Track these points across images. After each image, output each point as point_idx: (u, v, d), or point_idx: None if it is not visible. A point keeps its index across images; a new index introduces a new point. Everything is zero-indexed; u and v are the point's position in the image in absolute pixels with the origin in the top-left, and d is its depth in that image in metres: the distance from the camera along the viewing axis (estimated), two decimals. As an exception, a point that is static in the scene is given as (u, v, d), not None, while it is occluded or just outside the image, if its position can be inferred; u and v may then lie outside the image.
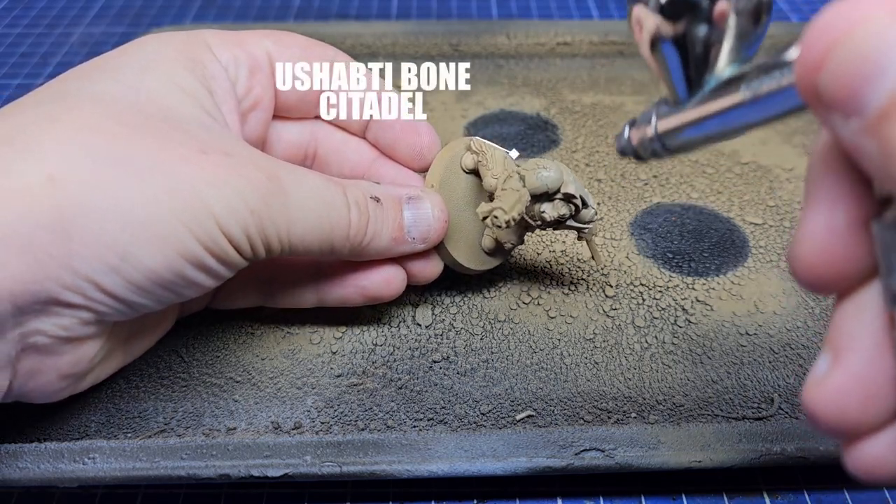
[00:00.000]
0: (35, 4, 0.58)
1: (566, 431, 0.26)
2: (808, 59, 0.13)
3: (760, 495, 0.27)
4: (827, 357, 0.16)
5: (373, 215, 0.27)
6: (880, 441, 0.15)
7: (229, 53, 0.28)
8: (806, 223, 0.15)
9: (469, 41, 0.49)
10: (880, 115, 0.12)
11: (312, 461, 0.25)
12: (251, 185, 0.23)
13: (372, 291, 0.29)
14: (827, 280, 0.16)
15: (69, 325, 0.22)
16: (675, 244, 0.35)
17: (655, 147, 0.21)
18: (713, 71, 0.18)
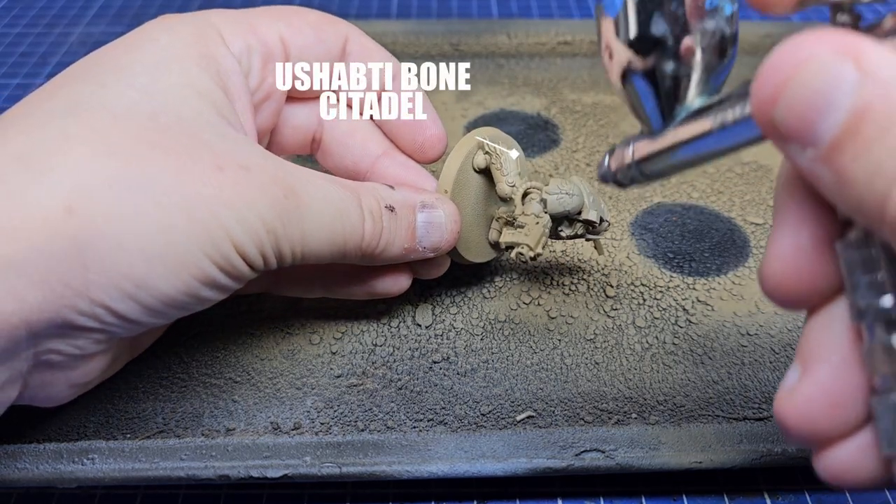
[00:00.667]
0: (34, 4, 0.58)
1: (566, 432, 0.26)
2: (763, 96, 0.14)
3: (761, 496, 0.27)
4: (797, 369, 0.16)
5: (387, 226, 0.26)
6: (847, 448, 0.16)
7: (242, 42, 0.27)
8: (774, 244, 0.16)
9: (469, 40, 0.49)
10: (832, 146, 0.13)
11: (312, 462, 0.25)
12: (268, 202, 0.23)
13: (380, 288, 0.29)
14: (795, 297, 0.16)
15: (83, 345, 0.22)
16: (675, 244, 0.35)
17: (633, 174, 0.21)
18: (683, 102, 0.19)
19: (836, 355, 0.16)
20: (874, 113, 0.13)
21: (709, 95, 0.19)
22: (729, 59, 0.19)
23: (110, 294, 0.21)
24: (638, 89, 0.20)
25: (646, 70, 0.19)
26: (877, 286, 0.15)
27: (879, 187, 0.13)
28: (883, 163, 0.13)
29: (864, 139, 0.13)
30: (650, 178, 0.21)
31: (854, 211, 0.14)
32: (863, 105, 0.13)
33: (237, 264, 0.23)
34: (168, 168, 0.22)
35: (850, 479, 0.16)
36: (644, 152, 0.21)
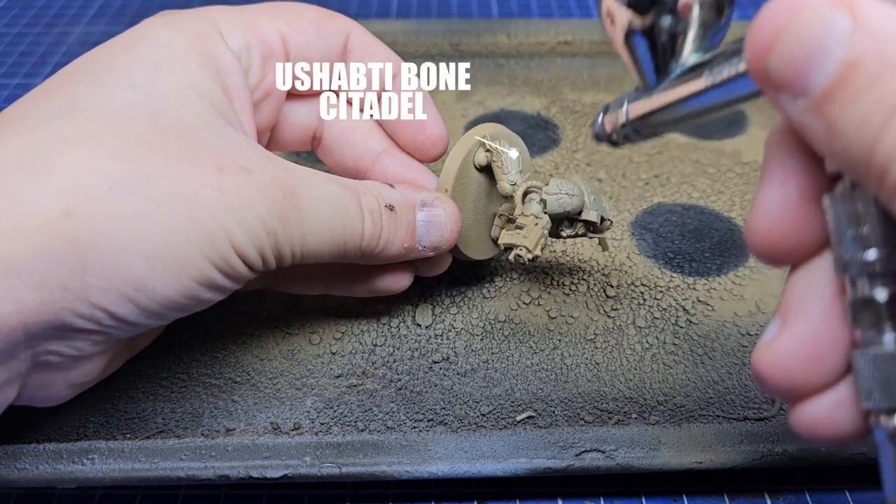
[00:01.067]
0: (34, 3, 0.58)
1: (567, 432, 0.26)
2: (757, 44, 0.14)
3: (761, 496, 0.27)
4: (776, 323, 0.17)
5: (386, 225, 0.26)
6: (823, 402, 0.16)
7: (242, 39, 0.27)
8: (760, 197, 0.17)
9: (469, 40, 0.49)
10: (823, 96, 0.13)
11: (312, 462, 0.25)
12: (268, 203, 0.23)
13: (380, 286, 0.29)
14: (780, 251, 0.17)
15: (81, 347, 0.22)
16: (676, 244, 0.35)
17: (628, 132, 0.22)
18: (679, 59, 0.19)
19: (817, 309, 0.16)
20: (865, 63, 0.13)
21: (703, 53, 0.19)
22: (726, 17, 0.19)
23: (109, 297, 0.21)
24: (636, 45, 0.20)
25: (644, 24, 0.19)
26: (862, 239, 0.15)
27: (867, 137, 0.13)
28: (871, 113, 0.13)
29: (854, 89, 0.13)
30: (644, 135, 0.22)
31: (842, 161, 0.14)
32: (855, 55, 0.13)
33: (236, 265, 0.23)
34: (168, 170, 0.22)
35: (824, 433, 0.16)
36: (639, 110, 0.21)
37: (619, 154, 0.40)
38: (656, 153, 0.40)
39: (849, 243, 0.15)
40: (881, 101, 0.13)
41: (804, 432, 0.17)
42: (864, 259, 0.15)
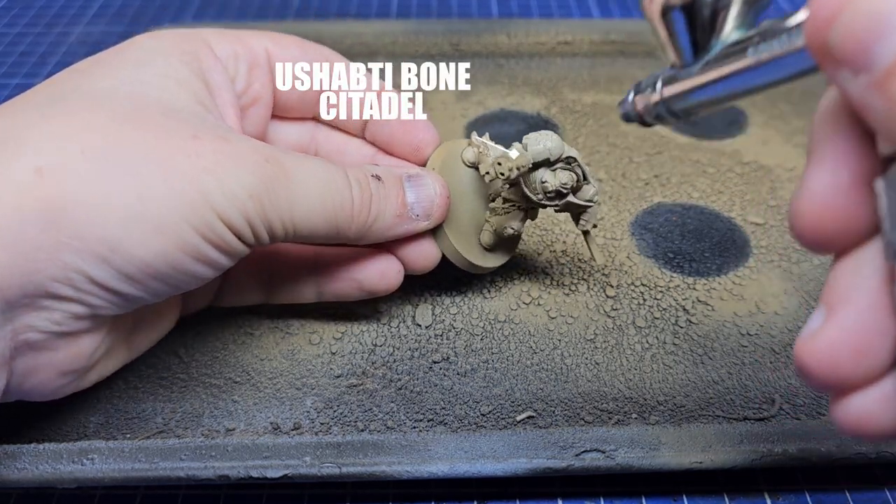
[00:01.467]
0: (34, 3, 0.58)
1: (567, 432, 0.26)
2: (819, 17, 0.14)
3: (761, 496, 0.27)
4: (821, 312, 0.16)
5: (375, 193, 0.26)
6: (869, 395, 0.15)
7: (228, 48, 0.27)
8: (809, 180, 0.16)
9: (469, 40, 0.49)
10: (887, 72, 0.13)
11: (312, 462, 0.25)
12: (249, 168, 0.23)
13: (368, 285, 0.29)
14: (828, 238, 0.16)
15: (61, 320, 0.22)
16: (676, 244, 0.35)
17: (660, 111, 0.21)
18: (720, 36, 0.19)
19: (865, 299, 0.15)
20: None
21: (745, 30, 0.19)
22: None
23: (83, 257, 0.21)
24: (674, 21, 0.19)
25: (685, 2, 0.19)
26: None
27: None
28: None
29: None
30: (678, 115, 0.21)
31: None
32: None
33: (224, 235, 0.22)
34: (143, 138, 0.22)
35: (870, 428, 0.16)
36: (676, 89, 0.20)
37: (619, 154, 0.40)
38: (656, 153, 0.40)
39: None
40: None
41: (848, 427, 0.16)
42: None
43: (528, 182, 0.28)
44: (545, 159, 0.27)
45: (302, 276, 0.29)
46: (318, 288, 0.30)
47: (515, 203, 0.29)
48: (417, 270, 0.29)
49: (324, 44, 0.49)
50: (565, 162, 0.28)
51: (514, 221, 0.29)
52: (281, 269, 0.30)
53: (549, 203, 0.28)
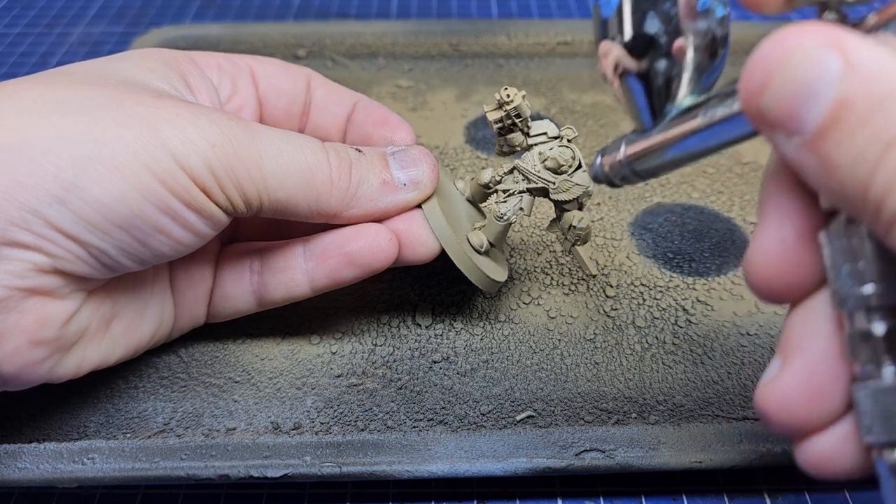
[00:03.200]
0: (34, 4, 0.58)
1: (566, 432, 0.26)
2: (751, 85, 0.14)
3: (761, 496, 0.27)
4: (778, 361, 0.17)
5: (355, 160, 0.26)
6: (827, 438, 0.16)
7: (212, 61, 0.29)
8: (758, 237, 0.17)
9: (469, 41, 0.49)
10: (817, 134, 0.14)
11: (312, 461, 0.25)
12: (210, 120, 0.23)
13: (359, 258, 0.27)
14: (780, 290, 0.17)
15: (21, 272, 0.21)
16: (675, 244, 0.35)
17: (625, 172, 0.22)
18: (674, 101, 0.20)
19: (817, 346, 0.16)
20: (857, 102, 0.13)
21: (699, 95, 0.19)
22: (720, 59, 0.20)
23: (38, 196, 0.20)
24: (631, 88, 0.20)
25: (639, 68, 0.20)
26: (858, 274, 0.15)
27: (861, 173, 0.13)
28: (865, 149, 0.13)
29: (848, 127, 0.13)
30: (641, 176, 0.22)
31: (838, 197, 0.14)
32: (846, 94, 0.13)
33: (188, 187, 0.22)
34: (103, 93, 0.22)
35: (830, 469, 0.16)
36: (635, 150, 0.21)
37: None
38: (656, 153, 0.40)
39: (845, 278, 0.15)
40: (874, 138, 0.13)
41: (810, 469, 0.17)
42: (861, 293, 0.15)
43: (527, 160, 0.28)
44: (543, 132, 0.28)
45: (291, 266, 0.28)
46: (309, 276, 0.28)
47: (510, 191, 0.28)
48: (413, 255, 0.27)
49: (324, 44, 0.49)
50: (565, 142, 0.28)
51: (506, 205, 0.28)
52: (268, 262, 0.28)
53: (546, 178, 0.28)
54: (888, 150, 0.13)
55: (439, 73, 0.47)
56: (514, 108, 0.27)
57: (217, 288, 0.29)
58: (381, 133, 0.31)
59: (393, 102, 0.44)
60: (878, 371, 0.15)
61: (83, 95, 0.22)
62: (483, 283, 0.29)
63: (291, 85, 0.31)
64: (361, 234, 0.27)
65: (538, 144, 0.28)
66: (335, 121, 0.32)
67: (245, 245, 0.30)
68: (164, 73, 0.26)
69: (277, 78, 0.31)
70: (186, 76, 0.27)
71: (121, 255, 0.22)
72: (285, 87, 0.31)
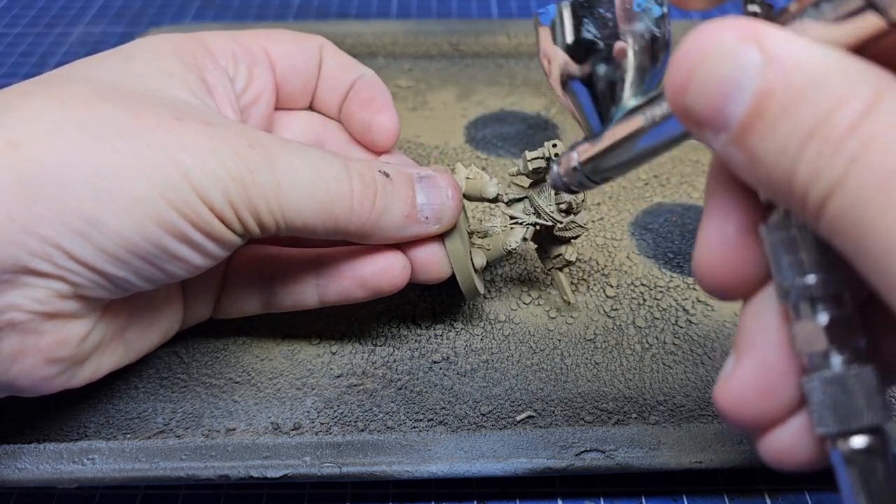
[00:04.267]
0: (34, 4, 0.58)
1: (567, 432, 0.26)
2: (675, 84, 0.14)
3: (761, 496, 0.27)
4: (732, 358, 0.17)
5: (381, 188, 0.25)
6: (784, 431, 0.16)
7: (227, 49, 0.28)
8: (703, 235, 0.17)
9: (469, 40, 0.49)
10: (741, 128, 0.14)
11: (312, 462, 0.25)
12: (231, 150, 0.22)
13: (372, 282, 0.27)
14: (726, 286, 0.17)
15: (44, 298, 0.21)
16: (675, 244, 0.35)
17: (580, 178, 0.22)
18: (619, 103, 0.20)
19: (767, 341, 0.16)
20: (777, 93, 0.13)
21: (643, 96, 0.19)
22: (662, 60, 0.20)
23: (59, 231, 0.20)
24: (577, 93, 0.20)
25: (582, 73, 0.20)
26: (799, 265, 0.15)
27: (786, 164, 0.13)
28: (788, 140, 0.13)
29: (770, 119, 0.13)
30: (596, 180, 0.22)
31: (767, 189, 0.14)
32: (766, 87, 0.13)
33: (203, 214, 0.22)
34: (122, 115, 0.22)
35: (790, 462, 0.16)
36: (587, 156, 0.21)
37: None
38: (656, 153, 0.40)
39: (787, 270, 0.15)
40: (796, 128, 0.13)
41: (773, 463, 0.17)
42: (803, 284, 0.15)
43: (542, 195, 0.28)
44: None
45: (302, 279, 0.28)
46: (319, 291, 0.28)
47: (518, 220, 0.29)
48: (426, 279, 0.28)
49: (324, 44, 0.49)
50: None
51: (514, 237, 0.29)
52: (280, 272, 0.29)
53: (557, 218, 0.28)
54: (809, 139, 0.13)
55: (439, 73, 0.47)
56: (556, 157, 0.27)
57: (227, 290, 0.29)
58: (362, 114, 0.30)
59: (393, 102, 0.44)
60: (826, 361, 0.15)
61: (103, 118, 0.21)
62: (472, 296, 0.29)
63: (306, 61, 0.30)
64: (377, 261, 0.27)
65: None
66: (336, 96, 0.31)
67: (257, 249, 0.30)
68: (182, 76, 0.25)
69: (293, 56, 0.30)
70: (202, 71, 0.26)
71: (139, 280, 0.23)
72: (301, 66, 0.30)
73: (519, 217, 0.29)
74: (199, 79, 0.25)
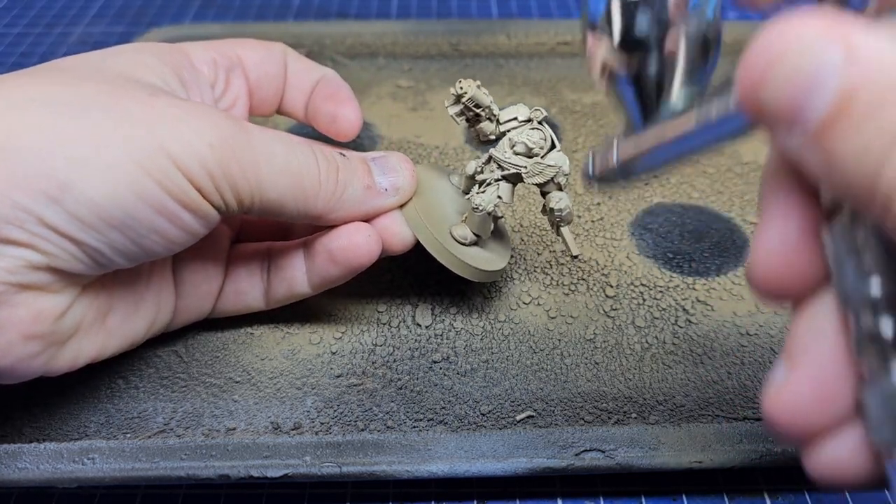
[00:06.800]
0: (34, 4, 0.58)
1: (566, 432, 0.26)
2: (750, 78, 0.14)
3: (761, 496, 0.27)
4: (784, 365, 0.16)
5: (342, 164, 0.27)
6: (837, 444, 0.16)
7: (207, 56, 0.29)
8: (760, 237, 0.16)
9: (469, 41, 0.49)
10: (821, 127, 0.13)
11: (312, 461, 0.25)
12: (208, 120, 0.23)
13: (341, 256, 0.27)
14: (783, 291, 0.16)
15: (15, 268, 0.21)
16: (675, 244, 0.35)
17: (618, 174, 0.21)
18: (667, 101, 0.19)
19: (823, 348, 0.16)
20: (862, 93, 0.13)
21: (691, 94, 0.19)
22: (712, 59, 0.19)
23: (33, 196, 0.20)
24: (622, 90, 0.20)
25: (630, 71, 0.19)
26: (863, 271, 0.14)
27: (869, 167, 0.13)
28: (871, 142, 0.12)
29: (853, 119, 0.13)
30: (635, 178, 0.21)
31: (843, 192, 0.14)
32: (850, 85, 0.13)
33: (184, 187, 0.22)
34: (99, 91, 0.22)
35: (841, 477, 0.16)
36: (628, 153, 0.21)
37: (619, 154, 0.40)
38: (656, 153, 0.40)
39: (850, 276, 0.15)
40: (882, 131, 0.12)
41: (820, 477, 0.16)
42: (867, 291, 0.14)
43: (500, 148, 0.28)
44: (513, 117, 0.28)
45: (292, 266, 0.29)
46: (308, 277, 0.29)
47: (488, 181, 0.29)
48: (390, 251, 0.28)
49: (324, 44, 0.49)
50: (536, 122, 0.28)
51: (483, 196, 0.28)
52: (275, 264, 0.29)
53: (517, 163, 0.28)
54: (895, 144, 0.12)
55: (439, 73, 0.47)
56: (470, 99, 0.28)
57: (229, 284, 0.30)
58: (327, 107, 0.32)
59: (393, 102, 0.44)
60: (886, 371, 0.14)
61: (80, 93, 0.22)
62: (471, 274, 0.29)
63: (276, 66, 0.32)
64: (342, 233, 0.28)
65: (510, 131, 0.28)
66: (302, 97, 0.33)
67: (255, 245, 0.31)
68: (158, 69, 0.26)
69: (265, 64, 0.32)
70: (180, 70, 0.27)
71: (114, 254, 0.23)
72: (272, 72, 0.32)
73: (487, 178, 0.29)
74: (175, 75, 0.26)
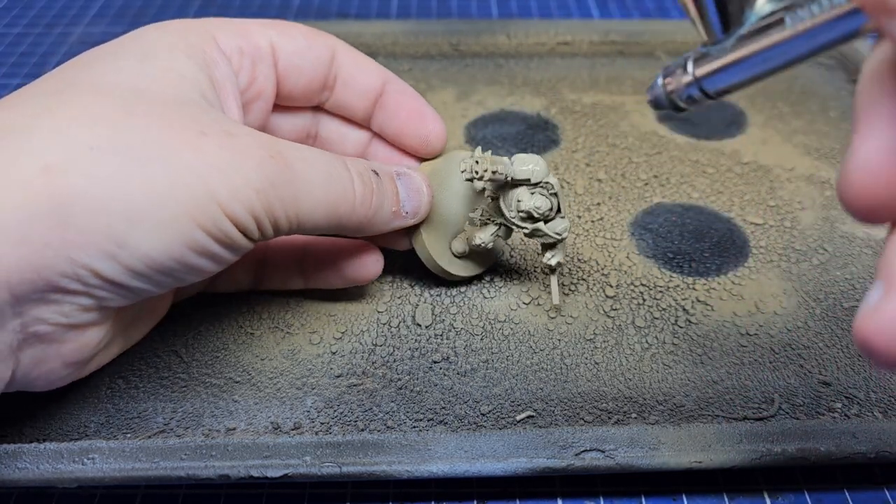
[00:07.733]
0: (34, 4, 0.58)
1: (566, 432, 0.26)
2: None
3: (761, 496, 0.27)
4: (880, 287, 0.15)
5: (377, 187, 0.27)
6: None
7: (233, 43, 0.28)
8: (859, 146, 0.15)
9: (469, 41, 0.49)
10: None
11: (312, 461, 0.25)
12: (255, 164, 0.23)
13: (351, 274, 0.30)
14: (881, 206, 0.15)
15: (69, 312, 0.22)
16: (675, 244, 0.35)
17: (692, 93, 0.20)
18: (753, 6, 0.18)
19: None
20: None
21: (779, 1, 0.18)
22: None
23: (90, 253, 0.21)
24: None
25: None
26: None
27: None
28: None
29: None
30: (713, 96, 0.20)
31: None
32: None
33: (228, 231, 0.23)
34: (149, 134, 0.22)
35: None
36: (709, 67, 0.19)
37: (619, 154, 0.40)
38: (655, 153, 0.40)
39: None
40: None
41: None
42: None
43: (506, 199, 0.29)
44: (526, 179, 0.28)
45: (290, 264, 0.31)
46: (304, 278, 0.31)
47: (492, 218, 0.30)
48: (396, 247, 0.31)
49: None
50: (544, 187, 0.28)
51: (484, 234, 0.30)
52: (272, 259, 0.31)
53: (519, 224, 0.29)
54: None
55: (439, 73, 0.47)
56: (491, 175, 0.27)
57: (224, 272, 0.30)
58: (415, 128, 0.31)
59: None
60: None
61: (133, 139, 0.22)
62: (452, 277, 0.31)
63: (313, 62, 0.30)
64: (356, 256, 0.30)
65: (519, 186, 0.28)
66: (361, 101, 0.31)
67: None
68: (195, 78, 0.25)
69: (299, 57, 0.29)
70: (212, 69, 0.26)
71: (155, 288, 0.23)
72: (306, 68, 0.30)
73: (491, 214, 0.30)
74: (208, 78, 0.26)
